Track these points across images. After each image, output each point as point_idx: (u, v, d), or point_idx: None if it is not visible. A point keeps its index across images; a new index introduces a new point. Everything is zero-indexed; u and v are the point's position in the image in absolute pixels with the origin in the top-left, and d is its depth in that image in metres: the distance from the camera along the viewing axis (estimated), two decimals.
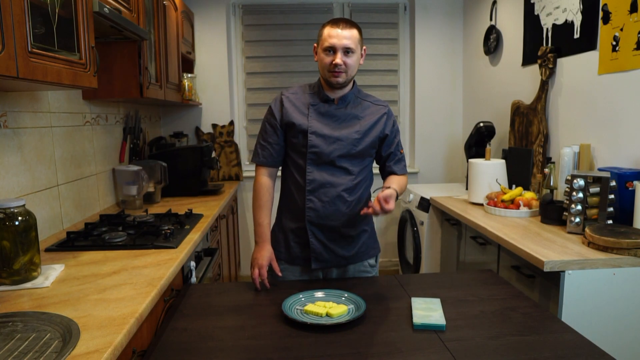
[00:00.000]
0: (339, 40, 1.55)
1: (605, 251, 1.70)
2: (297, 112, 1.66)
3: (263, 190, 1.70)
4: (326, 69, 1.59)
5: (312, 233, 1.68)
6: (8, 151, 1.67)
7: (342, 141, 1.63)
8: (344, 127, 1.65)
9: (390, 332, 1.23)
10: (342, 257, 1.72)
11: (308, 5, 3.83)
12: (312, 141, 1.63)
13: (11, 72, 1.17)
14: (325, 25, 1.61)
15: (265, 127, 1.72)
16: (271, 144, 1.70)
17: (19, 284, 1.34)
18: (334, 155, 1.63)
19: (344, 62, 1.57)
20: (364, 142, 1.65)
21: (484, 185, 2.59)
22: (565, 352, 1.12)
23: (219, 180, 3.75)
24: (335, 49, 1.56)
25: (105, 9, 1.67)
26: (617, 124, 2.12)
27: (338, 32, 1.56)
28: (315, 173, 1.64)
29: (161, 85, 2.65)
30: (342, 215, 1.66)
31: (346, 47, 1.56)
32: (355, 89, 1.70)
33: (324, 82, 1.66)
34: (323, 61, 1.59)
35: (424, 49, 3.85)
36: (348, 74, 1.60)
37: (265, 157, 1.70)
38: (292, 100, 1.69)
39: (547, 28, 2.64)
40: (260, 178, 1.72)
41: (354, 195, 1.67)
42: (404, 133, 4.06)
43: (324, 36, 1.59)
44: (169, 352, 1.14)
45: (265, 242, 1.67)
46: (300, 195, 1.67)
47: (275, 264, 1.65)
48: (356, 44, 1.59)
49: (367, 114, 1.68)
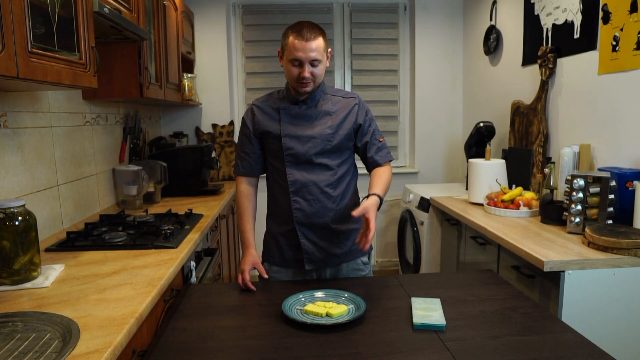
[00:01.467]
0: (305, 53, 1.54)
1: (605, 251, 1.70)
2: (269, 118, 1.68)
3: (243, 198, 1.74)
4: (294, 80, 1.60)
5: (302, 233, 1.68)
6: (8, 151, 1.67)
7: (316, 139, 1.64)
8: (316, 125, 1.66)
9: (390, 332, 1.23)
10: (335, 256, 1.72)
11: (308, 5, 3.83)
12: (286, 143, 1.65)
13: (11, 72, 1.17)
14: (289, 32, 1.57)
15: (241, 138, 1.75)
16: (248, 154, 1.73)
17: (19, 284, 1.34)
18: (310, 153, 1.64)
19: (312, 72, 1.57)
20: (338, 136, 1.66)
21: (484, 185, 2.59)
22: (565, 352, 1.12)
23: (219, 180, 3.75)
24: (302, 62, 1.55)
25: (105, 9, 1.67)
26: (617, 124, 2.12)
27: (304, 45, 1.53)
28: (296, 174, 1.66)
29: (161, 85, 2.64)
30: (329, 210, 1.67)
31: (313, 59, 1.55)
32: (323, 86, 1.70)
33: (291, 87, 1.67)
34: (290, 72, 1.59)
35: (424, 49, 3.85)
36: (315, 83, 1.61)
37: (244, 167, 1.74)
38: (262, 108, 1.71)
39: (547, 28, 2.64)
40: (240, 187, 1.75)
41: (338, 189, 1.68)
42: (404, 133, 4.06)
43: (289, 47, 1.56)
44: (169, 352, 1.14)
45: (249, 248, 1.70)
46: (285, 197, 1.68)
47: (259, 267, 1.68)
48: (322, 53, 1.58)
49: (338, 108, 1.69)
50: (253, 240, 1.72)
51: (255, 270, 1.68)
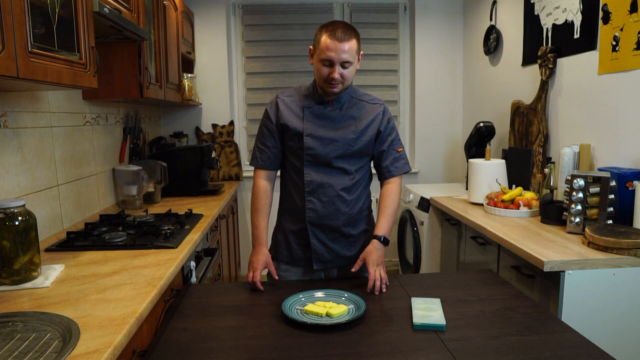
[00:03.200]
0: (337, 54, 1.51)
1: (605, 251, 1.70)
2: (292, 114, 1.66)
3: (261, 194, 1.70)
4: (322, 80, 1.57)
5: (312, 234, 1.68)
6: (8, 151, 1.67)
7: (338, 142, 1.63)
8: (339, 128, 1.64)
9: (390, 332, 1.23)
10: (344, 257, 1.72)
11: (308, 5, 3.83)
12: (308, 143, 1.63)
13: (11, 72, 1.17)
14: (323, 31, 1.54)
15: (262, 130, 1.72)
16: (269, 147, 1.70)
17: (19, 284, 1.34)
18: (331, 156, 1.63)
19: (341, 74, 1.55)
20: (361, 142, 1.65)
21: (484, 185, 2.59)
22: (565, 352, 1.12)
23: (219, 180, 3.75)
24: (333, 63, 1.53)
25: (105, 9, 1.67)
26: (617, 124, 2.12)
27: (337, 45, 1.50)
28: (313, 174, 1.64)
29: (161, 85, 2.64)
30: (342, 214, 1.66)
31: (344, 61, 1.53)
32: (351, 89, 1.69)
33: (319, 87, 1.65)
34: (320, 71, 1.56)
35: (424, 49, 3.85)
36: (344, 85, 1.59)
37: (263, 160, 1.71)
38: (287, 103, 1.68)
39: (547, 28, 2.64)
40: (259, 181, 1.72)
41: (353, 194, 1.68)
42: (403, 133, 4.06)
43: (321, 46, 1.53)
44: (169, 352, 1.14)
45: (262, 246, 1.67)
46: (300, 196, 1.67)
47: (272, 268, 1.66)
48: (354, 56, 1.55)
49: (363, 114, 1.67)
50: (267, 238, 1.70)
51: (265, 269, 1.66)
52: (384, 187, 1.72)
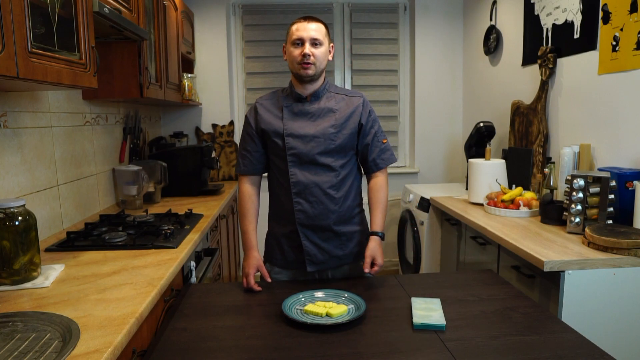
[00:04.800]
0: (307, 32, 1.59)
1: (605, 251, 1.70)
2: (272, 116, 1.68)
3: (245, 199, 1.73)
4: (295, 62, 1.62)
5: (304, 235, 1.68)
6: (8, 151, 1.67)
7: (319, 138, 1.64)
8: (319, 123, 1.65)
9: (390, 332, 1.23)
10: (337, 257, 1.72)
11: (308, 5, 3.83)
12: (290, 143, 1.64)
13: (11, 72, 1.17)
14: (292, 23, 1.65)
15: (243, 136, 1.75)
16: (250, 152, 1.72)
17: (19, 284, 1.34)
18: (313, 153, 1.63)
19: (312, 53, 1.59)
20: (342, 135, 1.65)
21: (484, 185, 2.59)
22: (565, 352, 1.12)
23: (219, 180, 3.75)
24: (303, 41, 1.60)
25: (105, 9, 1.67)
26: (617, 124, 2.12)
27: (305, 25, 1.60)
28: (299, 174, 1.65)
29: (161, 85, 2.64)
30: (331, 212, 1.66)
31: (313, 38, 1.59)
32: (327, 84, 1.71)
33: (295, 78, 1.68)
34: (292, 54, 1.62)
35: (424, 49, 3.85)
36: (317, 66, 1.62)
37: (245, 165, 1.73)
38: (266, 106, 1.71)
39: (547, 28, 2.64)
40: (243, 187, 1.74)
41: (341, 191, 1.68)
42: (403, 133, 4.06)
43: (291, 31, 1.63)
44: (169, 352, 1.14)
45: (252, 250, 1.68)
46: (287, 198, 1.67)
47: (263, 270, 1.67)
48: (323, 37, 1.62)
49: (342, 106, 1.68)
50: (256, 241, 1.71)
51: (259, 272, 1.68)
52: (372, 181, 1.74)
